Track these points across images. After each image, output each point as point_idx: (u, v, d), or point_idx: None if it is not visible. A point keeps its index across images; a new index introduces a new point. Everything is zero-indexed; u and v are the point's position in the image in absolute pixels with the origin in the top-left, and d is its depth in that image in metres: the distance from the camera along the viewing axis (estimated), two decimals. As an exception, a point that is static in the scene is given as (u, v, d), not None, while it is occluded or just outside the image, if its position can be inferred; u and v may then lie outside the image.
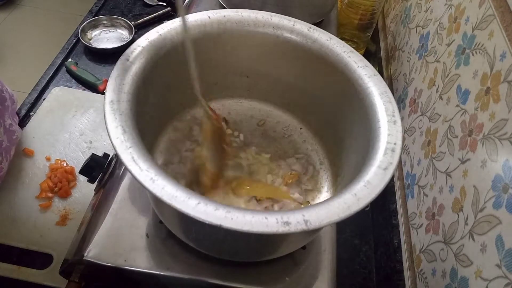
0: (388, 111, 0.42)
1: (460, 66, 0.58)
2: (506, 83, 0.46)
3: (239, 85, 0.57)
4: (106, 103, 0.38)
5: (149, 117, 0.46)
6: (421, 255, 0.58)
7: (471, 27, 0.57)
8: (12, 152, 0.69)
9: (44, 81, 0.88)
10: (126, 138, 0.36)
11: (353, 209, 0.34)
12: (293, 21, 0.51)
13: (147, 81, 0.43)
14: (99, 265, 0.44)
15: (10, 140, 0.67)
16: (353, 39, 0.96)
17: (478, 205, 0.46)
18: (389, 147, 0.39)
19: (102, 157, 0.56)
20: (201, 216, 0.32)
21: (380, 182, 0.36)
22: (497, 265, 0.41)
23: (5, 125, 0.66)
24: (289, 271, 0.47)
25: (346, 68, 0.47)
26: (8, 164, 0.67)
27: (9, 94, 0.68)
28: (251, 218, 0.32)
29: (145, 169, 0.34)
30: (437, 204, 0.56)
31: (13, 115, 0.70)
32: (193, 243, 0.44)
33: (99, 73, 0.91)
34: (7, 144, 0.66)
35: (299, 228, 0.32)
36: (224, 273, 0.46)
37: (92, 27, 1.00)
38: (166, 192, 0.33)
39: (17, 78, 1.68)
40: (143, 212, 0.49)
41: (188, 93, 0.53)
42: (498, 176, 0.44)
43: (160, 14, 1.06)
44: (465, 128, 0.53)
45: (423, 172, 0.62)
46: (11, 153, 0.69)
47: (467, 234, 0.47)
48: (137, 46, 0.44)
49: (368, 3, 0.87)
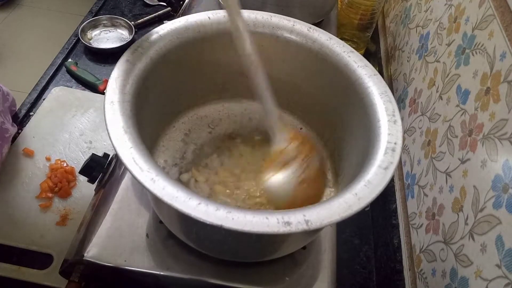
0: (388, 111, 0.42)
1: (460, 66, 0.58)
2: (506, 83, 0.46)
3: (239, 85, 0.57)
4: (106, 104, 0.38)
5: (149, 117, 0.46)
6: (421, 255, 0.58)
7: (471, 27, 0.57)
8: (4, 150, 0.69)
9: (44, 81, 0.88)
10: (127, 139, 0.36)
11: (354, 209, 0.34)
12: (293, 21, 0.51)
13: (148, 82, 0.43)
14: (99, 265, 0.44)
15: (2, 138, 0.67)
16: (353, 39, 0.96)
17: (478, 205, 0.46)
18: (389, 146, 0.39)
19: (102, 157, 0.56)
20: (202, 217, 0.32)
21: (381, 182, 0.36)
22: (497, 265, 0.41)
23: None
24: (289, 271, 0.47)
25: (346, 68, 0.47)
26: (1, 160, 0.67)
27: (3, 92, 0.67)
28: (252, 218, 0.32)
29: (145, 169, 0.34)
30: (437, 204, 0.56)
31: (5, 113, 0.70)
32: (194, 243, 0.44)
33: (99, 73, 0.91)
34: None
35: (300, 228, 0.32)
36: (224, 273, 0.46)
37: (92, 27, 1.00)
38: (166, 193, 0.33)
39: (17, 78, 1.68)
40: (143, 212, 0.49)
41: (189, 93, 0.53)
42: (498, 176, 0.44)
43: (160, 14, 1.06)
44: (465, 128, 0.53)
45: (423, 172, 0.62)
46: (2, 151, 0.68)
47: (467, 234, 0.47)
48: (137, 47, 0.44)
49: (368, 3, 0.87)
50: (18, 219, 0.67)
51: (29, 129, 0.79)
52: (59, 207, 0.69)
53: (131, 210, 0.48)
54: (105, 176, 0.54)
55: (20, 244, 0.64)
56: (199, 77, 0.53)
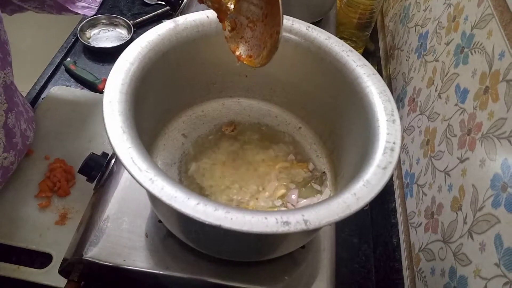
0: (387, 110, 0.42)
1: (459, 65, 0.58)
2: (505, 82, 0.46)
3: (238, 84, 0.57)
4: (105, 104, 0.38)
5: (148, 117, 0.46)
6: (420, 254, 0.58)
7: (470, 26, 0.57)
8: (22, 156, 0.70)
9: (42, 80, 0.88)
10: (125, 139, 0.36)
11: (353, 209, 0.34)
12: (292, 20, 0.51)
13: (146, 81, 0.43)
14: (98, 264, 0.44)
15: (23, 144, 0.68)
16: (352, 38, 0.96)
17: (477, 204, 0.46)
18: (388, 146, 0.39)
19: (101, 156, 0.56)
20: (201, 217, 0.32)
21: (380, 182, 0.36)
22: (496, 264, 0.41)
23: (21, 129, 0.67)
24: (288, 270, 0.47)
25: (345, 67, 0.47)
26: (16, 166, 0.68)
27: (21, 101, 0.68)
28: (251, 218, 0.32)
29: (144, 169, 0.34)
30: (436, 203, 0.56)
31: (29, 122, 0.71)
32: (193, 243, 0.44)
33: (98, 72, 0.91)
34: (21, 147, 0.67)
35: (299, 228, 0.32)
36: (223, 273, 0.46)
37: (91, 26, 1.00)
38: (165, 193, 0.33)
39: (16, 77, 1.67)
40: (142, 212, 0.49)
41: (188, 92, 0.53)
42: (497, 175, 0.44)
43: (159, 13, 1.06)
44: (464, 127, 0.53)
45: (422, 171, 0.62)
46: (22, 156, 0.69)
47: (466, 233, 0.47)
48: (135, 47, 0.44)
49: (367, 2, 0.87)
50: (18, 219, 0.67)
51: (28, 128, 0.79)
52: (58, 206, 0.69)
53: (130, 210, 0.48)
54: (104, 175, 0.54)
55: (20, 243, 0.64)
56: (198, 76, 0.53)
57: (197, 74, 0.53)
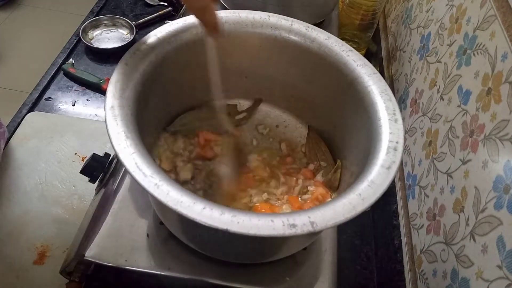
0: (388, 110, 0.42)
1: (462, 66, 0.58)
2: (508, 83, 0.46)
3: (238, 85, 0.57)
4: (107, 109, 0.38)
5: (150, 120, 0.46)
6: (422, 255, 0.58)
7: (473, 27, 0.57)
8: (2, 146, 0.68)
9: (45, 81, 0.88)
10: (129, 144, 0.36)
11: (359, 209, 0.34)
12: (291, 21, 0.50)
13: (147, 85, 0.43)
14: (100, 265, 0.44)
15: None
16: (354, 40, 0.96)
17: (479, 206, 0.46)
18: (391, 145, 0.39)
19: (103, 156, 0.56)
20: (207, 221, 0.31)
21: (384, 181, 0.36)
22: (498, 266, 0.41)
23: None
24: (290, 272, 0.47)
25: (345, 67, 0.47)
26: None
27: None
28: (257, 221, 0.32)
29: (149, 174, 0.34)
30: (438, 205, 0.56)
31: None
32: (197, 246, 0.44)
33: (100, 73, 0.91)
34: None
35: (306, 230, 0.32)
36: (225, 274, 0.45)
37: (93, 27, 1.00)
38: (171, 198, 0.33)
39: (18, 78, 1.68)
40: (144, 212, 0.49)
41: (189, 94, 0.53)
42: (499, 177, 0.44)
43: (161, 14, 1.06)
44: (466, 129, 0.53)
45: (424, 172, 0.62)
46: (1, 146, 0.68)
47: (468, 235, 0.47)
48: (135, 50, 0.44)
49: (369, 3, 0.87)
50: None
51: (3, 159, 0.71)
52: (36, 244, 0.63)
53: (131, 210, 0.48)
54: (106, 176, 0.54)
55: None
56: (198, 79, 0.53)
57: (198, 76, 0.53)
